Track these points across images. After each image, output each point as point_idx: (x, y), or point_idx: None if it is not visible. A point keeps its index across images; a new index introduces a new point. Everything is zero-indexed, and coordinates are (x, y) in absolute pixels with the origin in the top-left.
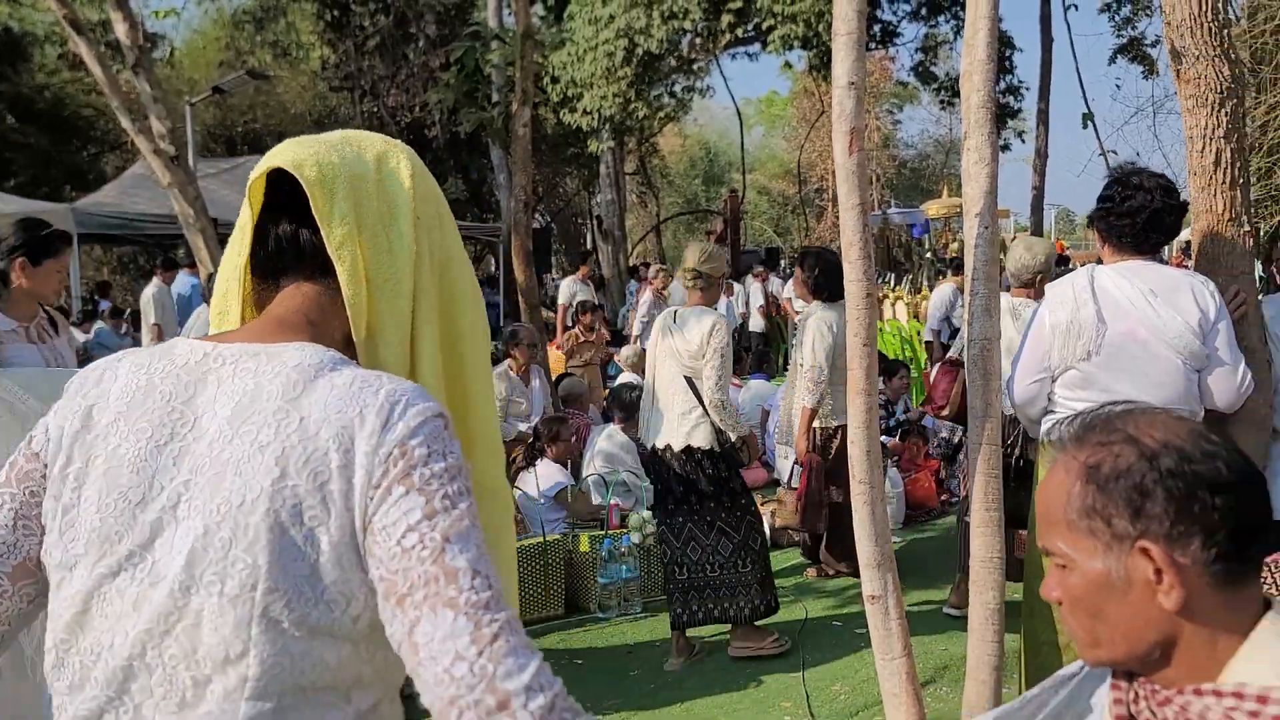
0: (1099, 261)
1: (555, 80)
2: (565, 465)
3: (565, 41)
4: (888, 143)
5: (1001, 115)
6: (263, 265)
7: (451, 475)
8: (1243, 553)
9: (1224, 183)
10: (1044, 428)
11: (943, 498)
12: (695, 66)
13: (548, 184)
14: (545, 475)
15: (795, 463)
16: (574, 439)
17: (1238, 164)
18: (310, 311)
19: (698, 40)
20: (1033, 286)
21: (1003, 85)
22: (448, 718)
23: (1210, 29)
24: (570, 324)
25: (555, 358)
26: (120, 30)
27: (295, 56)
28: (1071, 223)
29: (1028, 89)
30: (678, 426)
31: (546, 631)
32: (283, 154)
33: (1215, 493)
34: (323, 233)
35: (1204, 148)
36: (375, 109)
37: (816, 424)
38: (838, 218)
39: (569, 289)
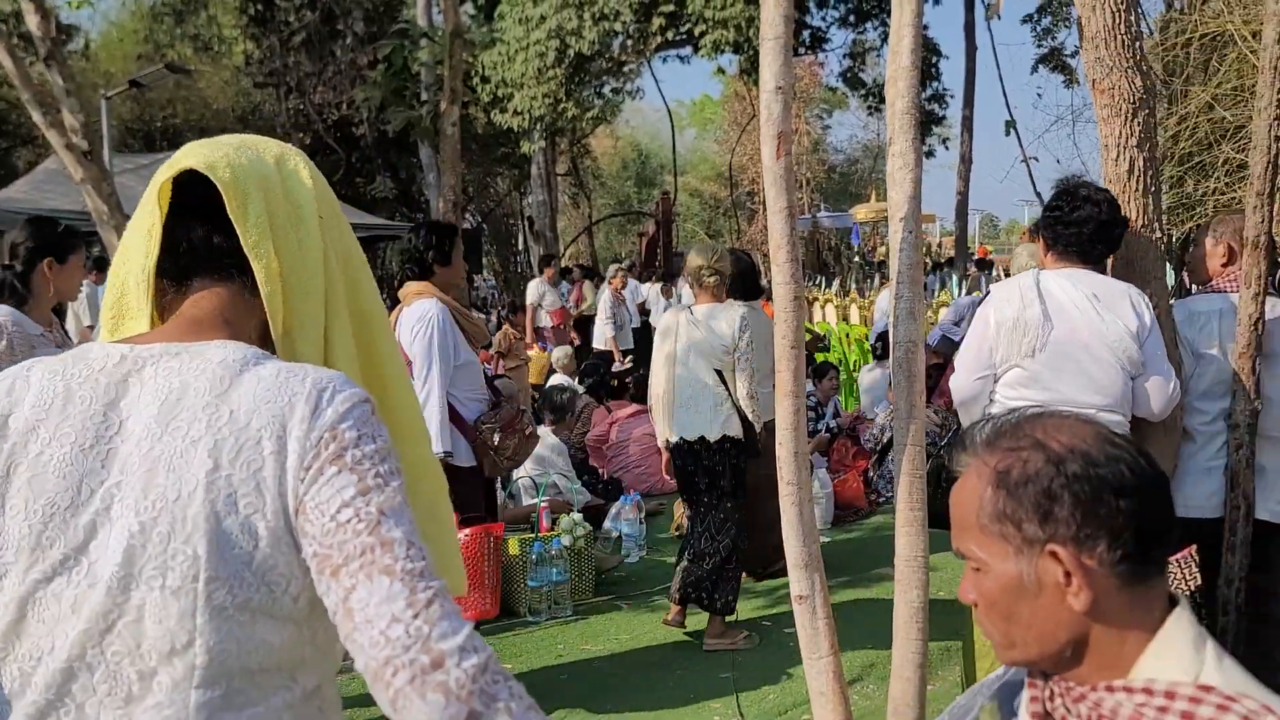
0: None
1: (486, 80)
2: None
3: (495, 41)
4: (817, 147)
5: (927, 121)
6: (172, 269)
7: (382, 456)
8: (1147, 553)
9: (1137, 190)
10: None
11: (871, 497)
12: (626, 68)
13: (478, 184)
14: None
15: None
16: None
17: (1150, 172)
18: (226, 311)
19: (629, 42)
20: None
21: (928, 92)
22: (382, 678)
23: (1124, 41)
24: (499, 324)
25: (538, 360)
26: (32, 22)
27: (217, 51)
28: (995, 227)
29: (953, 96)
30: (711, 419)
31: None
32: (192, 156)
33: (1120, 496)
34: (239, 234)
35: (1118, 156)
36: (301, 106)
37: None
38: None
39: (536, 290)
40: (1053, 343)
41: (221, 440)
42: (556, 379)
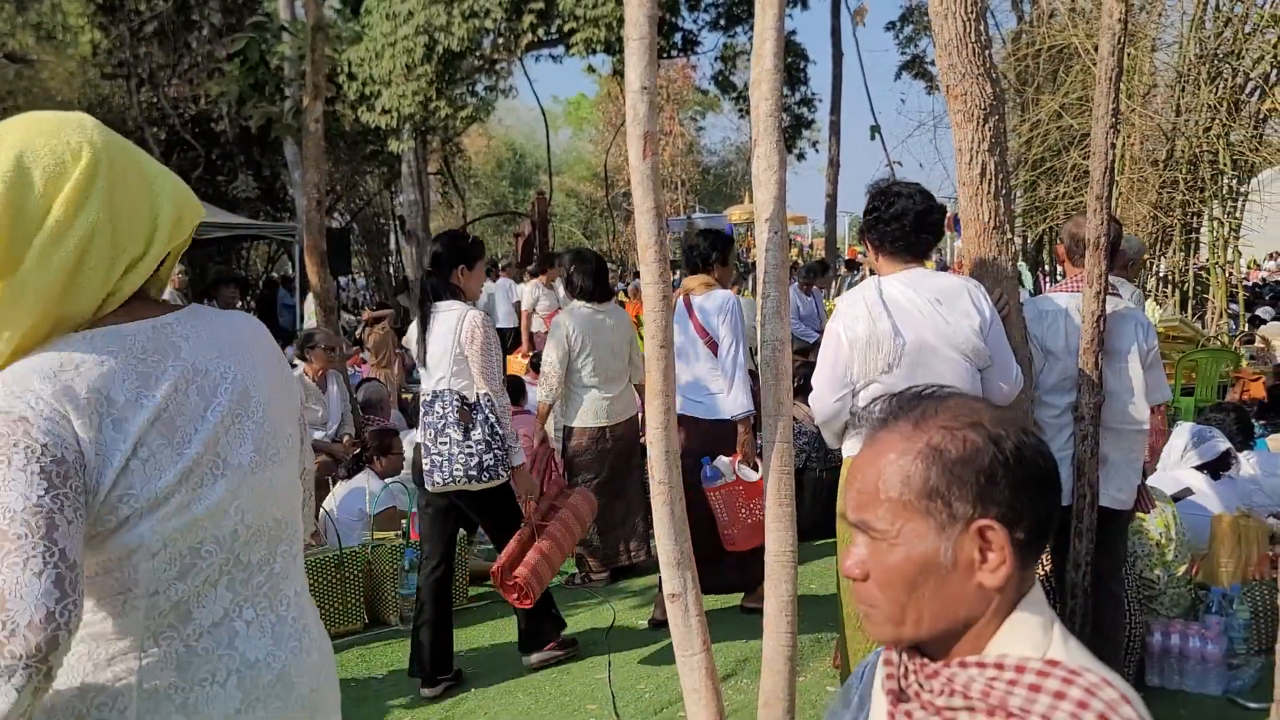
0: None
1: (352, 77)
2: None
3: (362, 37)
4: (691, 149)
5: (797, 126)
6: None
7: None
8: (1041, 540)
9: (989, 193)
10: (847, 444)
11: None
12: (498, 66)
13: (347, 182)
14: (373, 490)
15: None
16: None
17: (1001, 175)
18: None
19: (500, 40)
20: None
21: (797, 97)
22: None
23: (974, 49)
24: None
25: (520, 365)
26: None
27: (62, 40)
28: None
29: (821, 100)
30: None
31: (346, 647)
32: (183, 215)
33: (1038, 479)
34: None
35: (971, 160)
36: (154, 99)
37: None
38: None
39: (531, 294)
40: (906, 354)
41: (271, 371)
42: None
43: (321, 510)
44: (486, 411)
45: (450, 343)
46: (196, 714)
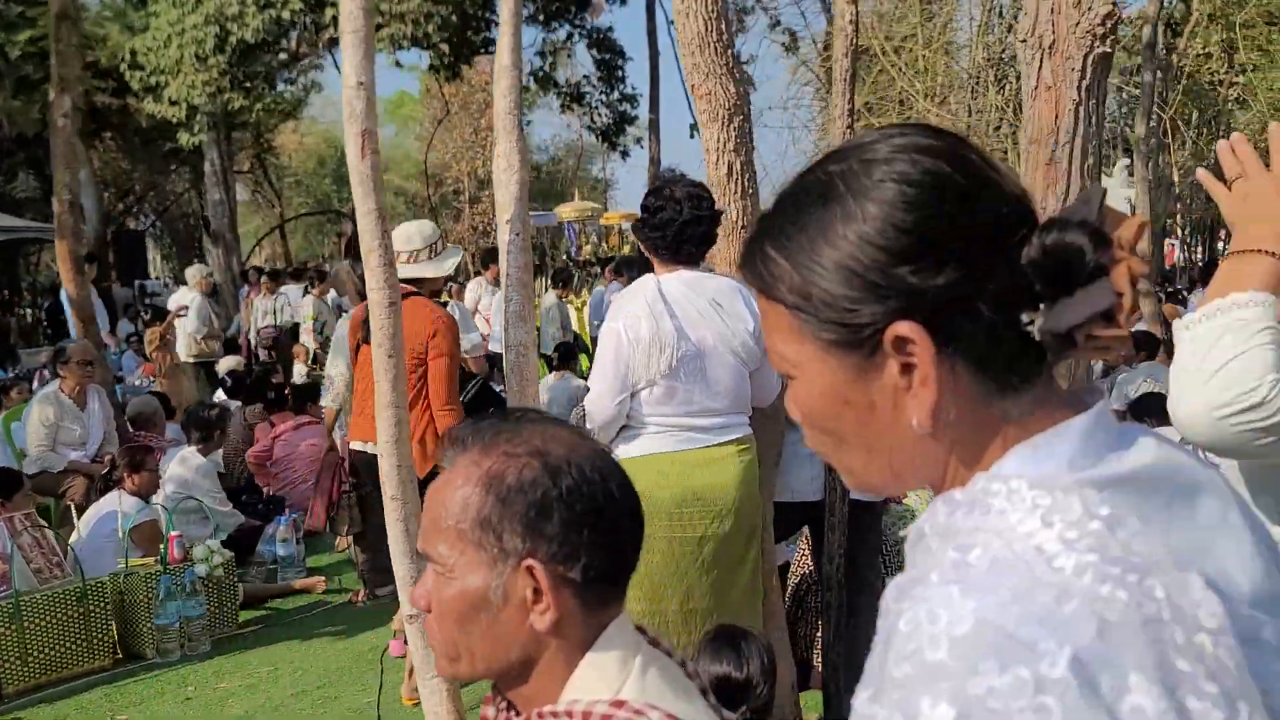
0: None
1: (138, 67)
2: (147, 500)
3: (148, 26)
4: None
5: (619, 122)
6: None
7: None
8: (616, 578)
9: (736, 193)
10: (620, 449)
11: None
12: (305, 61)
13: (148, 182)
14: (126, 510)
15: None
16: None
17: (747, 175)
18: None
19: (305, 34)
20: None
21: (616, 94)
22: None
23: (716, 48)
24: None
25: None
26: None
27: None
28: None
29: (641, 96)
30: None
31: (90, 686)
32: None
33: (602, 518)
34: None
35: (718, 160)
36: None
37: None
38: (476, 219)
39: (474, 291)
40: (687, 355)
41: None
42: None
43: (69, 540)
44: None
45: None
46: None
